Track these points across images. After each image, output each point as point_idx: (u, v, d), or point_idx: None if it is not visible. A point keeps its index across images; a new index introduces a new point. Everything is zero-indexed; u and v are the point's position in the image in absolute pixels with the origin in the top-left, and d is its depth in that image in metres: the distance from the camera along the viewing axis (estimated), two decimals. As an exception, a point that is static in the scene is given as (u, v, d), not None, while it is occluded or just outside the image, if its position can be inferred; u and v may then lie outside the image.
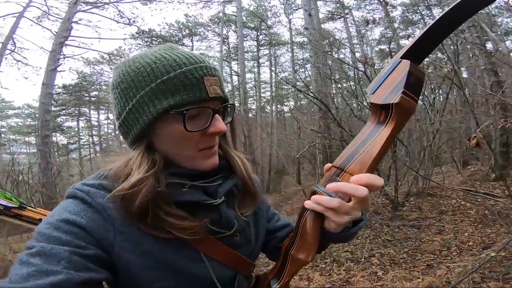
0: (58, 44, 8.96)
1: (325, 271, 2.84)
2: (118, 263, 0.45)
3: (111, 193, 0.46)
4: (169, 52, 0.50)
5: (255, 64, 20.09)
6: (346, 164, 0.47)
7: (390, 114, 0.44)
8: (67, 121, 21.80)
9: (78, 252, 0.40)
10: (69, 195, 0.48)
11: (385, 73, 0.45)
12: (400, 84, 0.42)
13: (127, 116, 0.50)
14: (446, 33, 0.46)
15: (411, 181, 4.75)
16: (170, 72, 0.47)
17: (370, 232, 3.74)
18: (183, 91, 0.47)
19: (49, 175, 8.08)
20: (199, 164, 0.53)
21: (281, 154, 9.95)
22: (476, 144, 1.84)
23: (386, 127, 0.44)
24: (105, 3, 11.09)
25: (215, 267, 0.52)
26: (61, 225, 0.42)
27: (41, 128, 8.42)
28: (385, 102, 0.44)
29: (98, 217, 0.45)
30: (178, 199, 0.49)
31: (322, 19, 15.13)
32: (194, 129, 0.49)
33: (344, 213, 0.46)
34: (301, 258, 0.52)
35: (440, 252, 2.85)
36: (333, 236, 0.52)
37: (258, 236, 0.63)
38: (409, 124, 5.44)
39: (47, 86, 8.62)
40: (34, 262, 0.37)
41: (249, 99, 18.70)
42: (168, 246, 0.48)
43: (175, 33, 17.72)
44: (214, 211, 0.53)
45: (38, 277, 0.36)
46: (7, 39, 9.86)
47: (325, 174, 0.51)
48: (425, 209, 4.26)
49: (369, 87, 0.47)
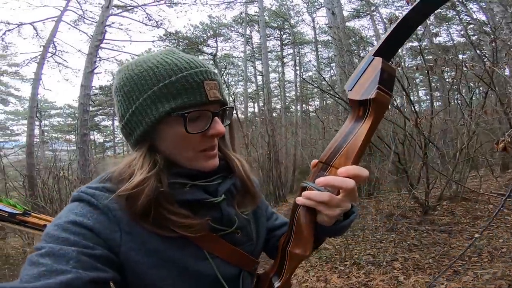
0: (94, 47, 9.58)
1: (344, 274, 2.79)
2: (125, 263, 0.47)
3: (115, 194, 0.48)
4: (171, 57, 0.53)
5: (279, 63, 20.02)
6: (332, 158, 0.49)
7: (368, 109, 0.47)
8: (104, 120, 23.35)
9: (86, 252, 0.41)
10: (75, 198, 0.50)
11: (360, 70, 0.48)
12: (375, 80, 0.45)
13: (130, 119, 0.52)
14: (410, 31, 0.49)
15: (444, 184, 4.49)
16: (171, 76, 0.50)
17: (395, 236, 3.60)
18: (184, 94, 0.50)
19: (86, 171, 8.71)
20: (200, 165, 0.55)
21: (305, 154, 9.84)
22: (503, 148, 1.70)
23: (365, 121, 0.47)
24: (134, 7, 11.66)
25: (218, 264, 0.53)
26: (69, 227, 0.44)
27: (80, 127, 9.08)
28: (363, 98, 0.46)
29: (104, 218, 0.47)
30: (180, 198, 0.51)
31: (347, 17, 14.70)
32: (194, 131, 0.51)
33: (335, 206, 0.48)
34: (299, 253, 0.53)
35: (469, 258, 2.68)
36: (326, 229, 0.53)
37: (259, 234, 0.64)
38: (442, 124, 5.11)
39: (85, 88, 9.27)
40: (44, 262, 0.39)
41: (273, 99, 18.68)
42: (173, 244, 0.50)
43: (200, 34, 18.18)
44: (215, 209, 0.55)
45: (48, 276, 0.37)
46: (48, 42, 10.69)
47: (313, 170, 0.53)
48: (459, 214, 4.01)
49: (346, 84, 0.50)
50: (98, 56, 10.32)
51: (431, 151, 4.52)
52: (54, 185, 7.39)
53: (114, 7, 11.26)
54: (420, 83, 16.10)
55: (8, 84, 18.90)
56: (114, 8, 11.19)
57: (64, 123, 23.27)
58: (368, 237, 3.77)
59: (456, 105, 4.57)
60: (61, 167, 8.13)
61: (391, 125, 4.72)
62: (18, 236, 4.91)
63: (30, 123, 9.74)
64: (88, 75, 9.43)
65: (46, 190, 7.22)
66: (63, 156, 10.75)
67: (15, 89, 19.63)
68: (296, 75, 18.66)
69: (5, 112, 20.43)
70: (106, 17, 10.05)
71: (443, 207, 4.34)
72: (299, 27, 19.07)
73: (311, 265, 3.12)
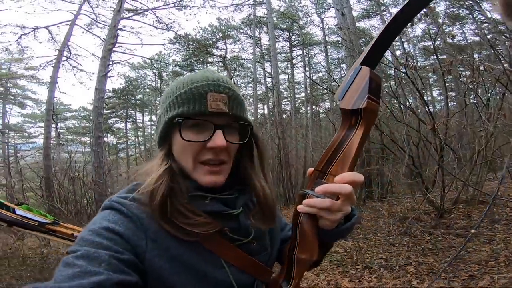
0: (107, 51, 9.81)
1: (355, 278, 2.75)
2: (148, 269, 0.49)
3: (135, 193, 0.54)
4: (197, 73, 0.59)
5: (288, 65, 19.96)
6: (328, 166, 0.51)
7: (360, 118, 0.49)
8: (117, 122, 23.81)
9: (116, 256, 0.44)
10: (106, 207, 0.54)
11: (349, 80, 0.50)
12: (364, 90, 0.48)
13: (157, 124, 0.61)
14: (392, 39, 0.53)
15: (460, 187, 4.37)
16: (183, 88, 0.56)
17: (409, 240, 3.53)
18: (186, 104, 0.54)
19: (101, 173, 8.89)
20: (198, 177, 0.56)
21: (316, 156, 9.77)
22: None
23: (358, 129, 0.49)
24: (145, 10, 11.89)
25: (234, 272, 0.55)
26: (103, 232, 0.47)
27: (94, 130, 9.30)
28: (354, 107, 0.49)
29: (133, 226, 0.50)
30: (202, 209, 0.54)
31: (356, 17, 14.53)
32: (191, 140, 0.54)
33: (336, 211, 0.50)
34: (306, 257, 0.55)
35: (486, 262, 2.60)
36: (329, 233, 0.55)
37: (274, 244, 0.67)
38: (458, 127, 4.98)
39: (99, 91, 9.49)
40: (79, 263, 0.41)
41: (283, 100, 18.64)
42: (193, 251, 0.53)
43: (209, 37, 18.33)
44: (233, 221, 0.58)
45: (83, 277, 0.40)
46: (63, 46, 11.01)
47: (310, 178, 0.54)
48: (475, 217, 3.90)
49: (336, 94, 0.52)
50: (111, 59, 10.56)
51: (447, 154, 4.41)
52: (69, 186, 7.61)
53: (125, 11, 11.51)
54: (434, 83, 15.75)
55: (25, 88, 19.53)
56: (125, 11, 11.44)
57: (79, 126, 23.86)
58: (380, 240, 3.71)
59: (473, 107, 4.44)
60: (76, 169, 8.38)
61: (404, 127, 4.63)
62: (34, 237, 5.03)
63: (47, 125, 10.04)
64: (102, 79, 9.65)
65: (62, 192, 7.43)
66: (78, 158, 11.06)
67: (32, 92, 20.26)
68: (305, 76, 18.58)
69: (22, 115, 21.10)
70: (117, 20, 10.29)
71: (459, 210, 4.23)
72: (308, 28, 18.98)
73: (321, 268, 3.09)
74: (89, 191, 8.28)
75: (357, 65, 0.50)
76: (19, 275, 3.67)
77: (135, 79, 22.24)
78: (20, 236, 4.86)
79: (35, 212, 2.08)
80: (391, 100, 4.98)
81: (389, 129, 5.18)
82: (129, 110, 23.50)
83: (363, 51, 0.51)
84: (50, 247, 4.68)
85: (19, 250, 4.38)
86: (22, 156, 12.54)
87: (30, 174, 9.59)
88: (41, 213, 2.13)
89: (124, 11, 11.02)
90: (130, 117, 24.05)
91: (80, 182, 7.94)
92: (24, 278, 3.59)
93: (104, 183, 8.83)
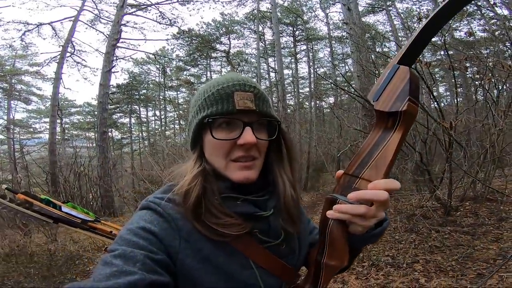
0: (111, 47, 9.80)
1: (362, 275, 2.75)
2: (180, 269, 0.50)
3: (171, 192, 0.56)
4: (222, 76, 0.60)
5: (292, 60, 19.81)
6: (361, 170, 0.48)
7: (398, 121, 0.46)
8: (121, 118, 23.92)
9: (150, 257, 0.46)
10: (144, 207, 0.56)
11: (385, 80, 0.46)
12: (405, 91, 0.44)
13: (189, 127, 0.63)
14: (432, 35, 0.48)
15: (468, 184, 4.33)
16: (211, 90, 0.57)
17: (415, 237, 3.51)
18: (215, 104, 0.56)
19: (106, 168, 8.96)
20: (231, 174, 0.57)
21: (320, 151, 9.74)
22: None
23: (396, 132, 0.46)
24: (148, 5, 11.83)
25: (262, 274, 0.56)
26: (139, 232, 0.49)
27: (99, 125, 9.36)
28: (392, 109, 0.45)
29: (167, 226, 0.52)
30: (233, 210, 0.55)
31: (362, 12, 14.33)
32: (221, 138, 0.55)
33: (371, 217, 0.49)
34: (335, 264, 0.53)
35: (494, 261, 2.58)
36: (360, 239, 0.54)
37: (302, 247, 0.66)
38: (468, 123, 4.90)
39: (104, 87, 9.52)
40: (116, 263, 0.43)
41: (287, 95, 18.54)
42: (223, 251, 0.53)
43: (213, 32, 18.24)
44: (263, 222, 0.59)
45: (118, 276, 0.41)
46: (66, 42, 11.02)
47: (339, 182, 0.52)
48: (483, 215, 3.87)
49: (370, 94, 0.48)
50: (115, 55, 10.55)
51: (456, 151, 4.36)
52: (75, 182, 7.67)
53: (129, 6, 11.46)
54: (440, 79, 15.54)
55: (30, 84, 19.61)
56: (128, 7, 11.39)
57: (83, 121, 24.01)
58: (386, 237, 3.70)
59: (482, 103, 4.36)
60: (81, 164, 8.43)
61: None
62: (41, 233, 5.05)
63: (52, 121, 10.11)
64: (106, 74, 9.67)
65: (67, 187, 7.50)
66: (83, 153, 11.13)
67: (36, 88, 20.34)
68: (310, 71, 18.44)
69: (28, 110, 21.23)
70: (121, 16, 10.25)
71: (466, 208, 4.19)
72: (312, 23, 18.79)
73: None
74: (95, 186, 8.35)
75: (393, 64, 0.47)
76: (27, 272, 3.65)
77: (138, 74, 22.26)
78: (27, 232, 4.88)
79: (79, 210, 2.20)
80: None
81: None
82: (133, 105, 23.57)
83: (401, 49, 0.47)
84: (58, 243, 4.71)
85: (27, 247, 4.38)
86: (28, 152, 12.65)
87: (36, 170, 9.69)
88: (84, 211, 2.24)
89: (127, 7, 10.97)
90: (134, 112, 24.15)
91: (85, 178, 8.00)
92: (32, 275, 3.58)
93: (110, 179, 8.90)
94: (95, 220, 2.16)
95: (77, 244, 4.75)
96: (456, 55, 4.66)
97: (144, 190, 6.34)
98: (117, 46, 10.30)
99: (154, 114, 25.69)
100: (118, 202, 9.09)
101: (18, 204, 2.04)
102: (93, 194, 8.29)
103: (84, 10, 11.34)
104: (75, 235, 5.05)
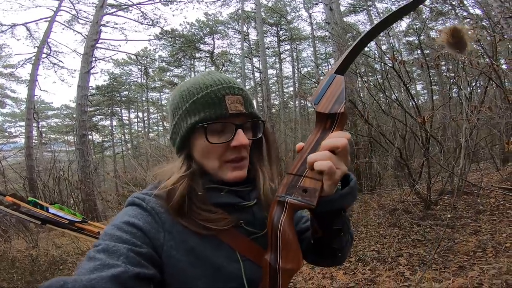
0: (90, 47, 9.47)
1: (349, 270, 2.80)
2: (166, 262, 0.51)
3: (157, 190, 0.56)
4: (205, 77, 0.61)
5: (277, 59, 19.94)
6: (304, 169, 0.51)
7: (336, 121, 0.52)
8: (102, 120, 23.19)
9: (134, 250, 0.47)
10: (129, 203, 0.57)
11: (324, 86, 0.53)
12: (341, 96, 0.52)
13: (173, 130, 0.62)
14: (359, 52, 0.56)
15: (445, 179, 4.50)
16: (199, 94, 0.58)
17: (398, 231, 3.62)
18: (207, 108, 0.57)
19: (87, 172, 8.65)
20: (224, 174, 0.59)
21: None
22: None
23: (333, 132, 0.52)
24: (129, 6, 11.53)
25: (248, 266, 0.57)
26: (123, 226, 0.50)
27: (78, 128, 9.02)
28: (332, 111, 0.51)
29: (151, 219, 0.53)
30: (216, 201, 0.57)
31: (344, 12, 14.63)
32: (216, 142, 0.57)
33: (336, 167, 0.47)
34: (292, 267, 0.51)
35: (474, 253, 2.70)
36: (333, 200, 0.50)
37: None
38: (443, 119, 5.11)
39: (82, 88, 9.18)
40: (99, 257, 0.44)
41: (271, 95, 18.63)
42: (208, 244, 0.54)
43: (197, 32, 18.05)
44: (248, 213, 0.60)
45: (102, 269, 0.42)
46: (42, 43, 10.57)
47: (283, 183, 0.51)
48: (461, 208, 4.03)
49: (312, 98, 0.54)
50: (94, 56, 10.22)
51: (432, 146, 4.53)
52: (54, 186, 7.37)
53: (109, 6, 11.12)
54: (417, 77, 16.11)
55: (4, 86, 18.70)
56: (108, 7, 11.06)
57: (62, 124, 23.14)
58: (371, 232, 3.79)
59: (456, 100, 4.56)
60: (61, 169, 8.10)
61: (391, 120, 4.72)
62: (21, 239, 4.87)
63: (28, 125, 9.66)
64: (85, 76, 9.34)
65: (47, 192, 7.19)
66: (62, 157, 10.70)
67: (11, 90, 19.45)
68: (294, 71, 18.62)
69: (2, 114, 20.29)
70: (100, 16, 9.93)
71: (445, 201, 4.36)
72: (296, 23, 18.99)
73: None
74: (76, 191, 8.06)
75: (331, 73, 0.54)
76: (10, 278, 3.57)
77: (119, 75, 21.67)
78: (7, 238, 4.72)
79: (66, 211, 2.21)
80: (378, 93, 5.05)
81: (377, 122, 5.27)
82: (114, 107, 22.89)
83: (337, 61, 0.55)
84: (39, 248, 4.56)
85: (8, 252, 4.25)
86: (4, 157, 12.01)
87: (13, 175, 9.21)
88: (71, 212, 2.25)
89: (107, 7, 10.64)
90: (115, 114, 23.44)
91: (65, 182, 7.70)
92: (15, 280, 3.49)
93: (91, 182, 8.61)
94: (82, 221, 2.17)
95: (60, 249, 4.65)
96: (432, 54, 4.84)
97: (128, 193, 6.18)
98: (96, 47, 9.97)
99: (136, 116, 25.10)
100: (102, 206, 8.82)
101: (6, 206, 2.04)
102: (74, 199, 7.99)
103: (61, 10, 10.89)
104: (58, 240, 4.93)
